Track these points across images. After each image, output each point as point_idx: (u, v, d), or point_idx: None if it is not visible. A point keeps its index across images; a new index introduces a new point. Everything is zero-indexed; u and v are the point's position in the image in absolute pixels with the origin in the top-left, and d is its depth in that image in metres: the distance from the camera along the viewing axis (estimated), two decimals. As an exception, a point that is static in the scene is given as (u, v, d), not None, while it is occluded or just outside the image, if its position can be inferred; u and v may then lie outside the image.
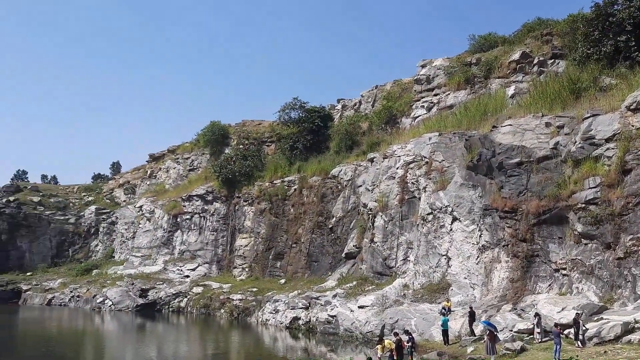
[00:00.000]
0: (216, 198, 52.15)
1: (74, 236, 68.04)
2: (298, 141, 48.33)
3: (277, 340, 30.02)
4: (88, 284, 53.15)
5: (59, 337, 31.72)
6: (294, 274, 41.71)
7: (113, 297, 46.86)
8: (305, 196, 43.56)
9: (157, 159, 69.62)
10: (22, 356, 25.23)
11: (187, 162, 63.23)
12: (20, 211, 66.89)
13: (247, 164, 50.10)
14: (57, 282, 57.02)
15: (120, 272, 54.38)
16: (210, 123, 59.75)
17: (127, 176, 75.66)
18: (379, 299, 29.43)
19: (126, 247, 60.68)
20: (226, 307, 40.36)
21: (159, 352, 25.82)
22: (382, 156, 36.93)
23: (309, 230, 41.88)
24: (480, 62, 40.00)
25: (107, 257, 63.34)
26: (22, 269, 63.26)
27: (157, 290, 47.15)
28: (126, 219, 62.56)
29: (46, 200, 71.47)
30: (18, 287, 57.19)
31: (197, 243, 52.08)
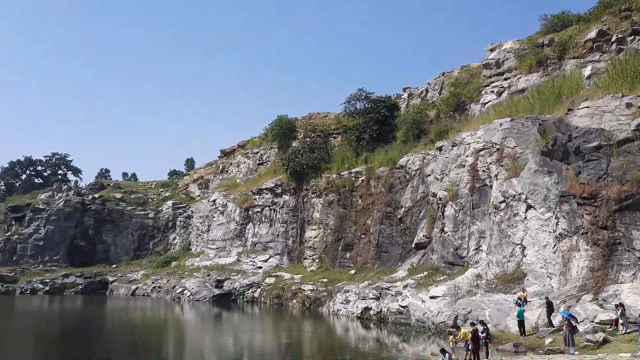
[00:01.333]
0: (285, 191, 53.13)
1: (154, 230, 71.51)
2: (364, 132, 48.28)
3: (348, 330, 30.32)
4: (168, 275, 55.78)
5: (143, 325, 33.60)
6: (363, 264, 41.87)
7: (191, 288, 48.93)
8: (372, 187, 43.51)
9: (228, 154, 71.71)
10: (112, 344, 26.92)
11: (257, 157, 64.74)
12: (105, 207, 71.09)
13: (315, 157, 50.66)
14: (140, 274, 60.22)
15: (197, 263, 56.69)
16: (278, 117, 60.84)
17: (201, 172, 78.53)
18: (451, 289, 29.04)
19: (202, 240, 63.09)
20: (298, 298, 41.15)
21: (236, 341, 26.78)
22: (451, 144, 36.24)
23: (377, 221, 41.84)
24: (553, 42, 38.24)
25: (184, 250, 66.19)
26: (107, 261, 67.36)
27: (231, 281, 48.79)
28: (201, 213, 65.01)
29: (127, 196, 75.54)
30: (105, 279, 60.98)
31: (268, 235, 53.35)
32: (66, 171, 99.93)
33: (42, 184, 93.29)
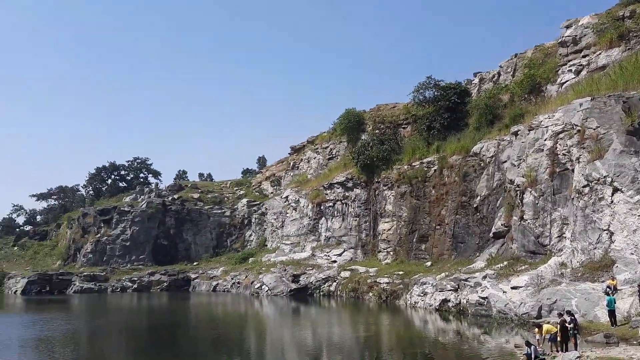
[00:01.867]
0: (356, 184, 53.09)
1: (230, 228, 73.72)
2: (435, 121, 47.30)
3: (427, 322, 29.91)
4: (246, 271, 57.36)
5: (225, 320, 34.78)
6: (439, 256, 41.13)
7: (269, 283, 50.06)
8: (446, 176, 42.60)
9: (298, 150, 72.60)
10: (197, 338, 28.02)
11: (326, 151, 65.09)
12: (184, 207, 74.06)
13: (385, 149, 50.23)
14: (220, 271, 62.32)
15: (273, 259, 57.90)
16: (345, 111, 60.82)
17: (272, 169, 79.99)
18: (534, 279, 27.92)
19: (276, 236, 64.35)
20: (374, 291, 41.08)
21: (314, 334, 27.11)
22: (527, 128, 34.77)
23: (452, 211, 40.94)
24: (635, 14, 35.73)
25: (260, 246, 67.79)
26: (189, 259, 70.21)
27: (307, 276, 49.45)
28: (274, 210, 66.26)
29: (204, 196, 78.31)
30: (187, 276, 63.64)
31: (341, 229, 53.58)
32: (147, 174, 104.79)
33: (125, 187, 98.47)
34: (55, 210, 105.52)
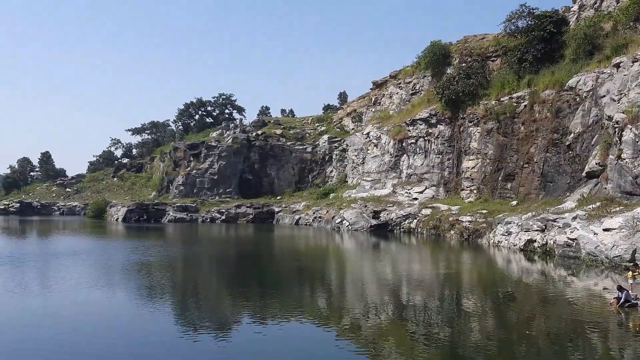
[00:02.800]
0: (440, 120, 51.68)
1: (312, 164, 74.92)
2: (527, 52, 44.42)
3: (510, 262, 29.43)
4: (327, 206, 58.58)
5: (307, 252, 36.05)
6: (526, 195, 39.78)
7: (349, 218, 50.96)
8: (536, 112, 40.41)
9: (380, 85, 71.29)
10: (281, 268, 29.36)
11: (409, 87, 63.43)
12: (267, 143, 75.88)
13: (471, 83, 48.15)
14: (302, 205, 64.06)
15: (353, 195, 58.58)
16: (431, 44, 58.42)
17: (354, 105, 79.38)
18: (629, 221, 26.40)
19: (357, 172, 64.71)
20: (456, 229, 40.72)
21: (394, 269, 27.53)
22: (631, 60, 31.89)
23: (542, 148, 39.06)
24: None
25: (341, 182, 68.64)
26: (272, 193, 72.61)
27: (388, 212, 49.75)
28: (355, 146, 66.31)
29: (287, 132, 79.59)
30: (271, 209, 66.06)
31: (423, 166, 52.88)
32: (232, 110, 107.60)
33: (212, 122, 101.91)
34: (148, 144, 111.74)
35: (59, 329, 14.95)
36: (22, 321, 15.78)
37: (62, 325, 15.41)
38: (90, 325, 15.43)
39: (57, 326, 15.28)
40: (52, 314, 16.88)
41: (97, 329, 15.06)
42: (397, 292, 21.06)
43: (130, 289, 21.64)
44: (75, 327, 15.12)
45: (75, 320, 15.93)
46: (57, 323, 15.67)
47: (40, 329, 14.93)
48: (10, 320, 15.93)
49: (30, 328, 14.94)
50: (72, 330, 14.78)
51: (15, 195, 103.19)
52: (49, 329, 15.03)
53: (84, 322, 15.72)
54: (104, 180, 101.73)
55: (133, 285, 22.54)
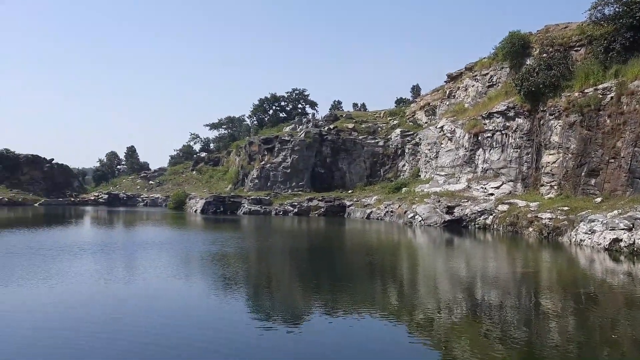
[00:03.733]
0: (518, 113, 49.79)
1: (384, 157, 74.61)
2: (614, 41, 41.80)
3: (593, 262, 27.97)
4: (399, 200, 58.11)
5: (379, 246, 36.00)
6: (611, 192, 37.59)
7: (422, 213, 50.29)
8: (624, 104, 38.02)
9: (454, 78, 69.66)
10: (352, 262, 29.54)
11: (486, 79, 61.55)
12: (339, 137, 76.31)
13: (552, 74, 45.98)
14: (373, 199, 63.94)
15: (426, 190, 57.75)
16: (509, 34, 56.33)
17: (427, 98, 78.13)
18: None
19: (430, 167, 63.69)
20: (534, 226, 39.18)
21: (468, 266, 26.95)
22: None
23: (630, 143, 36.74)
24: None
25: (413, 176, 67.88)
26: (344, 187, 73.00)
27: (462, 208, 48.62)
28: (429, 140, 65.28)
29: (358, 126, 79.66)
30: (343, 203, 66.42)
31: (499, 161, 51.22)
32: (304, 105, 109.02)
33: (285, 117, 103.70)
34: (225, 138, 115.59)
35: (138, 315, 15.88)
36: (105, 307, 16.84)
37: (141, 312, 16.35)
38: (169, 312, 16.26)
39: (136, 313, 16.23)
40: (134, 301, 17.93)
41: (174, 316, 15.83)
42: (471, 290, 20.62)
43: (208, 279, 22.56)
44: (152, 315, 15.95)
45: (152, 308, 16.80)
46: (136, 309, 16.65)
47: (122, 314, 15.90)
48: (94, 304, 17.06)
49: (113, 314, 15.89)
50: (148, 317, 15.62)
51: (104, 187, 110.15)
52: (129, 314, 15.99)
53: (162, 310, 16.57)
54: (184, 173, 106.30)
55: (210, 275, 23.48)
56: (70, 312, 15.98)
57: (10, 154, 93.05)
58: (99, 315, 15.47)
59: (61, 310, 16.27)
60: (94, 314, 15.75)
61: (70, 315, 15.68)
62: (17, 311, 16.04)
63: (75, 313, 15.87)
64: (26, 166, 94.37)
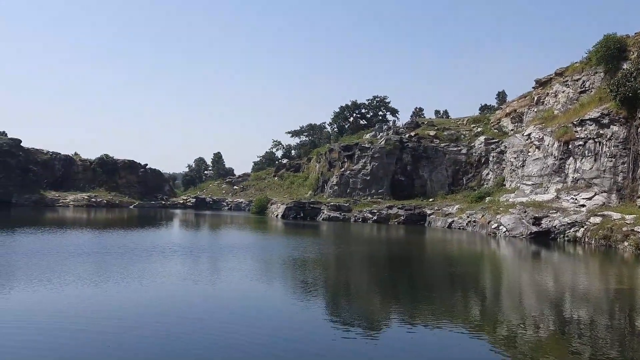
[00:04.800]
0: (613, 120, 46.87)
1: (467, 166, 72.74)
2: None
3: (699, 281, 25.81)
4: (482, 210, 56.40)
5: (461, 257, 35.17)
6: None
7: (507, 224, 48.53)
8: None
9: (543, 84, 66.75)
10: (432, 272, 29.11)
11: (577, 84, 58.48)
12: (420, 145, 75.36)
13: (653, 79, 42.95)
14: (455, 208, 62.48)
15: (511, 199, 55.65)
16: (604, 37, 53.26)
17: (513, 104, 75.39)
18: None
19: (516, 176, 61.36)
20: (630, 240, 36.71)
21: (556, 281, 25.75)
22: None
23: None
24: None
25: (497, 185, 65.63)
26: (424, 195, 71.88)
27: (550, 219, 46.40)
28: (514, 148, 62.94)
29: (440, 133, 78.25)
30: (423, 211, 65.42)
31: (592, 171, 48.44)
32: (385, 112, 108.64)
33: (366, 124, 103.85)
34: (306, 145, 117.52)
35: (220, 317, 16.59)
36: (189, 307, 17.70)
37: (222, 313, 17.06)
38: (249, 315, 16.84)
39: (217, 314, 16.97)
40: (216, 302, 18.74)
41: (254, 319, 16.36)
42: (558, 305, 19.72)
43: (288, 284, 23.13)
44: (233, 317, 16.56)
45: (234, 311, 17.44)
46: (217, 311, 17.40)
47: (206, 315, 16.67)
48: (180, 304, 17.98)
49: (196, 314, 16.68)
50: (229, 319, 16.24)
51: (192, 191, 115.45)
52: (212, 316, 16.75)
53: (242, 312, 17.18)
54: (266, 179, 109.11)
55: (291, 280, 24.05)
56: (160, 311, 16.97)
57: (109, 159, 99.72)
58: (185, 315, 16.34)
59: (150, 308, 17.33)
60: (181, 314, 16.65)
61: (159, 313, 16.67)
62: (110, 309, 17.26)
63: (164, 312, 16.85)
64: (123, 170, 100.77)
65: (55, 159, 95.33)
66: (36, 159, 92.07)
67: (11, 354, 12.05)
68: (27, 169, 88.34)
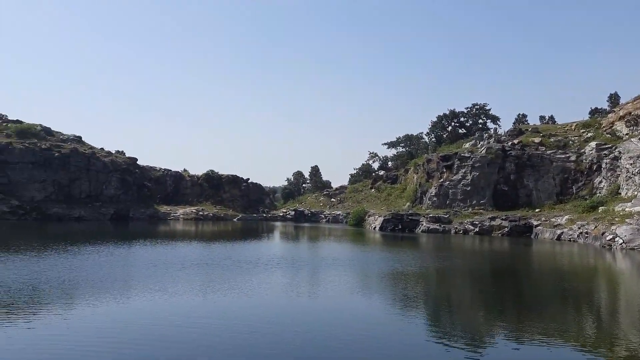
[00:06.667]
0: None
1: (576, 173, 68.51)
2: None
3: None
4: (595, 220, 52.72)
5: (572, 272, 33.03)
6: None
7: (623, 235, 44.97)
8: None
9: (662, 82, 61.34)
10: (540, 287, 27.66)
11: None
12: (524, 152, 72.11)
13: None
14: (564, 219, 58.94)
15: (628, 209, 51.53)
16: None
17: (628, 107, 70.03)
18: None
19: (633, 183, 56.88)
20: None
21: (684, 298, 23.44)
22: None
23: None
24: None
25: (612, 194, 61.12)
26: (530, 205, 68.52)
27: (675, 230, 42.34)
28: (631, 154, 58.40)
29: (546, 140, 74.43)
30: (529, 223, 62.34)
31: None
32: (485, 120, 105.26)
33: (465, 133, 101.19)
34: (403, 156, 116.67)
35: (320, 329, 16.87)
36: (289, 319, 18.17)
37: (325, 326, 17.33)
38: (350, 328, 16.98)
39: (320, 327, 17.26)
40: (319, 315, 19.09)
41: (354, 332, 16.48)
42: (686, 326, 17.93)
43: (388, 297, 23.04)
44: (336, 331, 16.75)
45: (335, 325, 17.61)
46: (320, 324, 17.70)
47: (306, 328, 17.04)
48: (280, 317, 18.49)
49: (300, 326, 17.09)
50: (331, 332, 16.45)
51: (291, 204, 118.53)
52: (312, 327, 17.08)
53: (344, 326, 17.33)
54: (363, 191, 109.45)
55: (391, 293, 23.94)
56: (265, 321, 17.62)
57: (215, 175, 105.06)
58: (285, 327, 16.85)
59: (255, 318, 18.04)
60: (282, 326, 17.19)
61: (263, 323, 17.30)
62: (215, 317, 18.17)
63: (267, 322, 17.47)
64: (227, 185, 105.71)
65: (167, 175, 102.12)
66: (150, 176, 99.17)
67: (146, 349, 13.16)
68: (142, 185, 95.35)
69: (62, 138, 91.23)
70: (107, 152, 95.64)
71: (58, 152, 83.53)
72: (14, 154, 79.31)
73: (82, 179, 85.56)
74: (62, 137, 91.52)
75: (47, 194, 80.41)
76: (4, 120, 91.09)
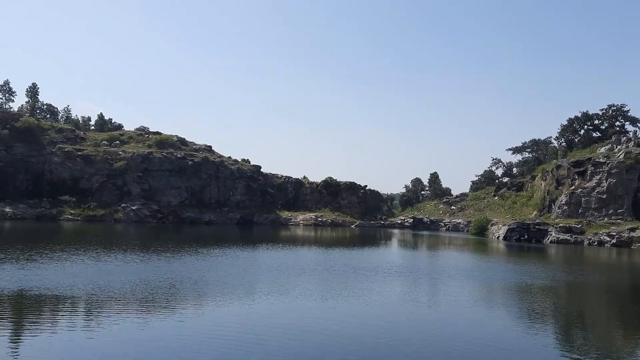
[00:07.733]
0: None
1: None
2: None
3: None
4: None
5: None
6: None
7: None
8: None
9: None
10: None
11: None
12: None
13: None
14: None
15: None
16: None
17: None
18: None
19: None
20: None
21: None
22: None
23: None
24: None
25: None
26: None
27: None
28: None
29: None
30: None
31: None
32: (623, 122, 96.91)
33: (599, 137, 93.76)
34: (529, 162, 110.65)
35: (441, 342, 16.57)
36: (412, 328, 18.05)
37: (445, 339, 17.00)
38: (471, 339, 16.51)
39: (440, 339, 16.96)
40: (439, 327, 18.78)
41: (475, 344, 16.00)
42: None
43: (513, 311, 22.02)
44: (456, 344, 16.35)
45: (455, 338, 17.16)
46: (441, 335, 17.39)
47: (425, 337, 16.84)
48: (403, 325, 18.41)
49: (419, 337, 16.94)
50: (451, 345, 16.07)
51: (409, 211, 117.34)
52: (430, 338, 16.83)
53: (464, 339, 16.86)
54: (485, 198, 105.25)
55: (516, 307, 22.85)
56: (383, 328, 17.72)
57: (333, 182, 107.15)
58: (404, 337, 16.80)
59: (373, 325, 18.19)
60: (400, 335, 17.18)
61: (381, 330, 17.40)
62: (331, 320, 18.57)
63: (385, 329, 17.53)
64: (345, 192, 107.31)
65: (288, 182, 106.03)
66: (272, 183, 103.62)
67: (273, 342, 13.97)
68: (265, 191, 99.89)
69: (194, 147, 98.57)
70: (234, 160, 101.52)
71: (191, 161, 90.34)
72: (154, 162, 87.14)
73: (212, 186, 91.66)
74: (194, 147, 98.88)
75: (182, 199, 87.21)
76: (146, 132, 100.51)
